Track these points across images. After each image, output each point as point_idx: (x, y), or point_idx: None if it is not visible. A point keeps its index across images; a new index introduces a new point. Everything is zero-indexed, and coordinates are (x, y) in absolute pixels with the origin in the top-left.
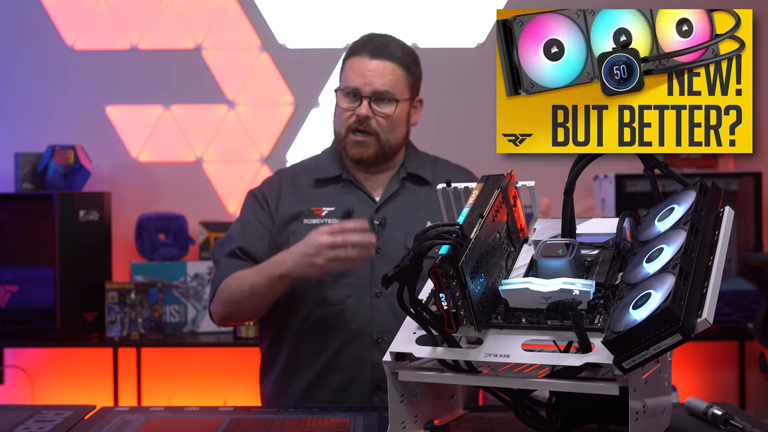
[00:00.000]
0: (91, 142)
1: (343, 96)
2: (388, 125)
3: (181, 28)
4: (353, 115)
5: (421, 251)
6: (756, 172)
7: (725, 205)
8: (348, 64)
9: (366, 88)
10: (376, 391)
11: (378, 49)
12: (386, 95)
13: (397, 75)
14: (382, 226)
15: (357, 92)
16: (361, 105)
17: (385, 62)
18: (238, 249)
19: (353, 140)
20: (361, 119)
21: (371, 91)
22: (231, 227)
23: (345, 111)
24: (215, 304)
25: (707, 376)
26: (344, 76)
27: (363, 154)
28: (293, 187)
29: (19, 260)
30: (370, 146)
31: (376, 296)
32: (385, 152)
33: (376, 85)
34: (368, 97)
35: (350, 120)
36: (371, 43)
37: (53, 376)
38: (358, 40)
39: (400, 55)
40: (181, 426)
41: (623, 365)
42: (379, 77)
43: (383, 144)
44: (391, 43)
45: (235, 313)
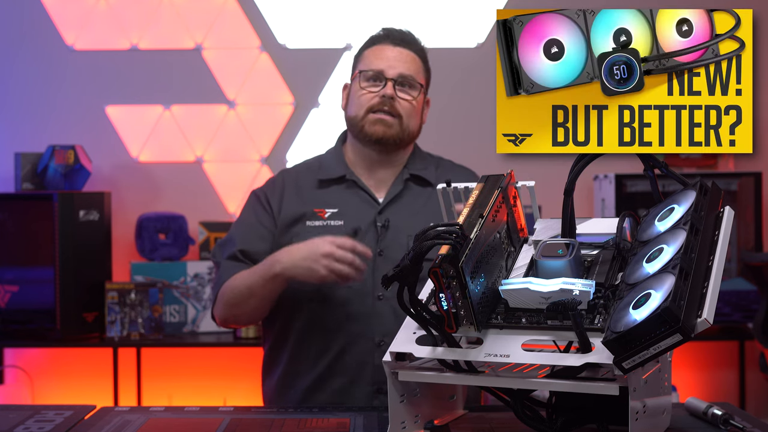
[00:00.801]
0: (91, 142)
1: (365, 79)
2: (411, 109)
3: (181, 28)
4: (376, 96)
5: (421, 251)
6: (756, 172)
7: (725, 205)
8: (369, 51)
9: (391, 71)
10: (377, 394)
11: (400, 39)
12: (409, 80)
13: (417, 64)
14: (385, 228)
15: (381, 75)
16: (385, 86)
17: (407, 50)
18: (239, 251)
19: (375, 118)
20: (385, 100)
21: (397, 74)
22: (232, 227)
23: (366, 93)
24: (218, 308)
25: (707, 376)
26: (366, 62)
27: (386, 132)
28: (296, 188)
29: (19, 260)
30: (392, 126)
31: (378, 299)
32: (404, 138)
33: (401, 68)
34: (393, 79)
35: (373, 100)
36: (392, 34)
37: (53, 376)
38: (378, 32)
39: (420, 48)
40: (181, 426)
41: (623, 365)
42: (403, 62)
43: (404, 128)
44: (412, 36)
45: (237, 315)
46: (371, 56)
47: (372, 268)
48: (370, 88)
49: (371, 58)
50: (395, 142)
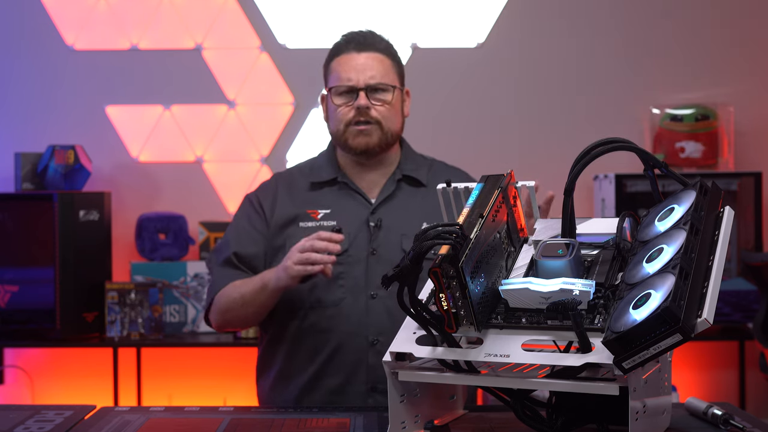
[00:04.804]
0: (91, 142)
1: (337, 95)
2: (387, 112)
3: (181, 28)
4: (351, 109)
5: (421, 251)
6: (756, 172)
7: (725, 205)
8: (335, 63)
9: (361, 81)
10: (372, 392)
11: (362, 44)
12: (380, 85)
13: (386, 65)
14: (377, 228)
15: (352, 87)
16: (358, 97)
17: (372, 54)
18: (233, 255)
19: (355, 130)
20: (361, 110)
21: (366, 83)
22: (226, 232)
23: (342, 107)
24: (213, 313)
25: (707, 376)
26: (334, 76)
27: (368, 143)
28: (289, 190)
29: (19, 260)
30: (373, 134)
31: (371, 298)
32: (387, 140)
33: (369, 76)
34: (364, 89)
35: (349, 114)
36: (354, 40)
37: (53, 376)
38: (339, 41)
39: (384, 45)
40: (181, 426)
41: (623, 365)
42: (370, 69)
43: (386, 132)
44: (374, 37)
45: (231, 321)
46: (338, 69)
47: (365, 268)
48: (345, 102)
49: (338, 71)
50: (379, 147)
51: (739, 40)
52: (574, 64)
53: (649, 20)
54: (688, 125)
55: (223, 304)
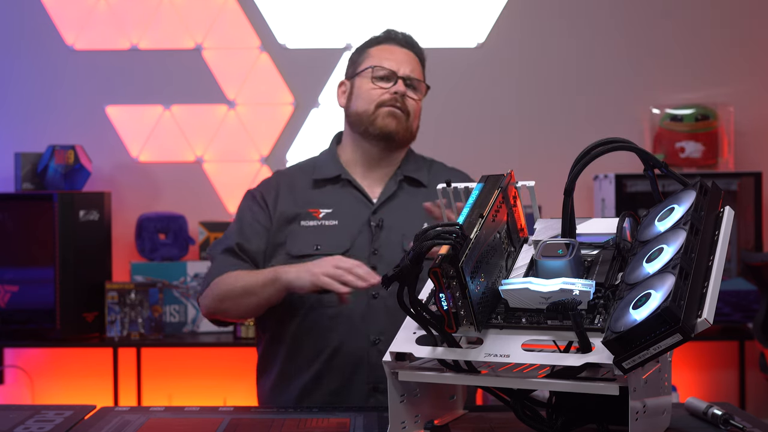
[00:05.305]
0: (91, 142)
1: (375, 76)
2: (416, 109)
3: (181, 28)
4: (386, 92)
5: (422, 251)
6: (756, 172)
7: (725, 205)
8: (376, 50)
9: (401, 70)
10: (373, 392)
11: (405, 41)
12: (416, 82)
13: (420, 69)
14: (379, 228)
15: (393, 73)
16: (397, 83)
17: (412, 54)
18: (236, 245)
19: (387, 110)
20: (397, 96)
21: (406, 75)
22: (229, 227)
23: (377, 89)
24: (206, 298)
25: (707, 376)
26: (375, 59)
27: (397, 126)
28: (290, 188)
29: (19, 260)
30: (402, 121)
31: (373, 297)
32: (407, 136)
33: (410, 69)
34: (403, 78)
35: (383, 96)
36: (397, 36)
37: (53, 376)
38: (383, 33)
39: (421, 51)
40: (181, 426)
41: (623, 365)
42: (410, 64)
43: (409, 126)
44: (413, 40)
45: (227, 310)
46: (380, 54)
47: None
48: (381, 84)
49: (380, 56)
50: (402, 137)
51: (739, 40)
52: (574, 64)
53: (649, 20)
54: (688, 125)
55: (221, 291)
